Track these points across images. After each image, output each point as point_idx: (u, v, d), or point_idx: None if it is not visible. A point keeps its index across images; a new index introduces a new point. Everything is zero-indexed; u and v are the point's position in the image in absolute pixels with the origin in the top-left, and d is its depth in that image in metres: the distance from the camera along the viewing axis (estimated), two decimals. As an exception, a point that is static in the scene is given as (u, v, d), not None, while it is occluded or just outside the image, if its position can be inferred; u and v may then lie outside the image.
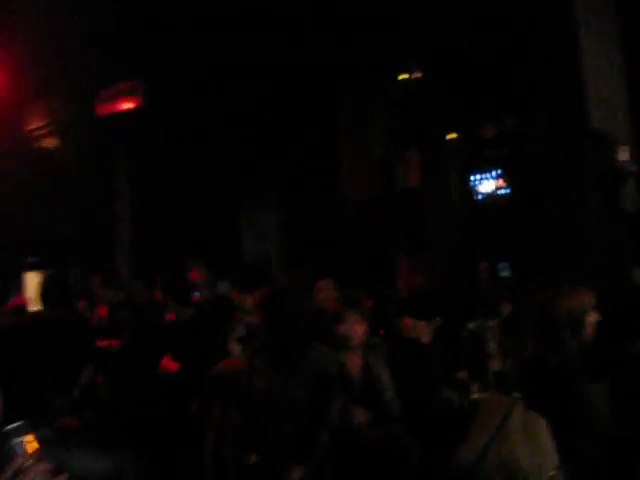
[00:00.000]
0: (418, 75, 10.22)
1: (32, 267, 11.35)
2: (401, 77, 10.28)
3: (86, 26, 10.73)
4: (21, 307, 7.00)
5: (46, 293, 5.30)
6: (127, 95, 11.69)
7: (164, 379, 5.12)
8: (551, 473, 2.89)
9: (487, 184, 11.52)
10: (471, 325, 5.70)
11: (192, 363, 4.77)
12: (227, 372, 3.92)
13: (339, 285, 5.67)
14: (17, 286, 10.01)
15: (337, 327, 4.35)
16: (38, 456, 1.49)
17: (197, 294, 6.79)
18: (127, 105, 11.64)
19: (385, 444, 4.08)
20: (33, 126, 13.65)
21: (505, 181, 11.43)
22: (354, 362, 4.33)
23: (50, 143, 13.81)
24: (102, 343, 5.68)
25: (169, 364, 5.19)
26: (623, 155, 6.85)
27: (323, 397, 3.86)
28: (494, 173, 11.49)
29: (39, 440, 1.52)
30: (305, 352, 3.94)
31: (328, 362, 4.08)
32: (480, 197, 11.40)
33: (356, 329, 4.33)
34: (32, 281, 9.55)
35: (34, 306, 6.14)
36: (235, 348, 4.64)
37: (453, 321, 5.76)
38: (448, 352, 4.95)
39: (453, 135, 10.69)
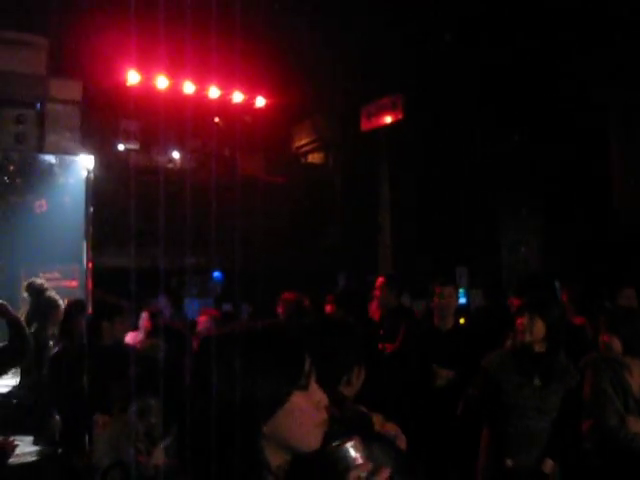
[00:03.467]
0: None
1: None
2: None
3: (349, 46, 11.30)
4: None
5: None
6: (389, 109, 12.12)
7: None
8: None
9: None
10: None
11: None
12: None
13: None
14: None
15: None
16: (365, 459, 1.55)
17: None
18: (389, 119, 12.06)
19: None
20: (301, 143, 14.63)
21: None
22: (634, 377, 4.29)
23: (315, 159, 14.70)
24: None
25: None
26: None
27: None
28: None
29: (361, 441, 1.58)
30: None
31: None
32: None
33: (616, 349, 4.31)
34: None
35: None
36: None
37: None
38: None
39: None
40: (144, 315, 6.57)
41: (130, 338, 6.05)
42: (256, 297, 8.62)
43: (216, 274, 12.00)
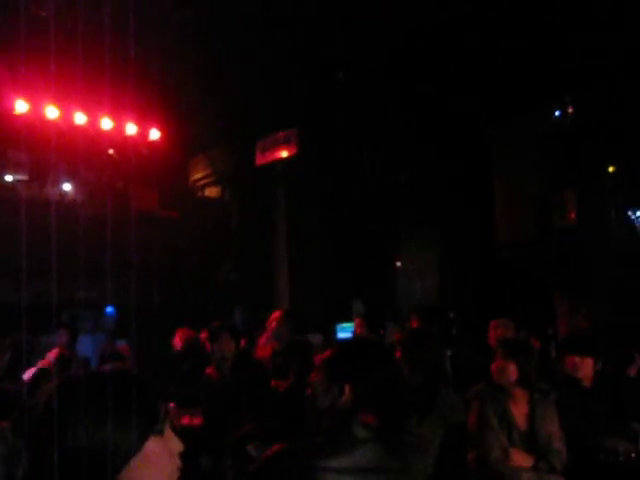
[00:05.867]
0: (572, 110, 10.05)
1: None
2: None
3: (244, 81, 11.33)
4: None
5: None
6: (283, 144, 12.20)
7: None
8: None
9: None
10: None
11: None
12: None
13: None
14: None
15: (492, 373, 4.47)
16: None
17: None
18: (284, 153, 12.14)
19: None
20: (197, 176, 14.52)
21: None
22: (519, 408, 4.37)
23: (211, 192, 14.61)
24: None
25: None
26: None
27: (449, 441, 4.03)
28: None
29: None
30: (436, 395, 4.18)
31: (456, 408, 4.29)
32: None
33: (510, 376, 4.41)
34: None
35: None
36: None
37: (618, 364, 5.61)
38: (613, 397, 4.85)
39: (611, 169, 10.37)
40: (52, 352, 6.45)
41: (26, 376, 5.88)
42: (148, 333, 8.46)
43: (109, 309, 11.70)
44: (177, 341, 8.06)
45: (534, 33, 8.60)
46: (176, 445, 1.64)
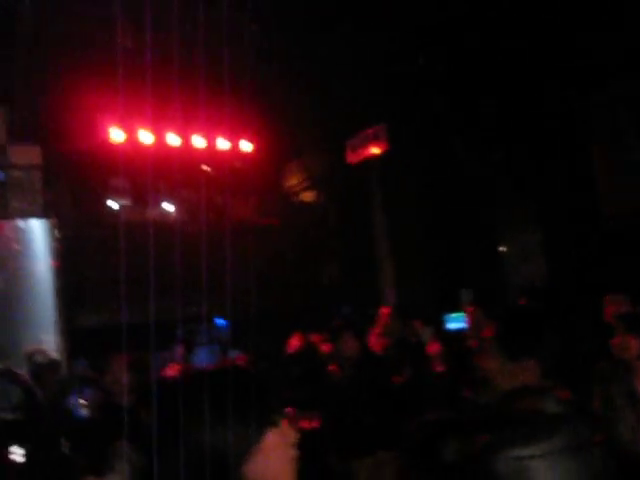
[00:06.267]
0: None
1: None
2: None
3: (331, 81, 11.39)
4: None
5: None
6: (373, 140, 12.16)
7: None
8: None
9: None
10: None
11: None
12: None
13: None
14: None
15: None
16: None
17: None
18: (375, 150, 12.10)
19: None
20: (292, 182, 14.67)
21: None
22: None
23: (307, 197, 14.72)
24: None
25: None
26: None
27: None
28: None
29: None
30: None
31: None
32: None
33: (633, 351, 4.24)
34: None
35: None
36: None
37: None
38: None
39: None
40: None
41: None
42: (261, 341, 8.58)
43: (221, 321, 11.94)
44: (291, 345, 8.14)
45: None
46: (292, 435, 1.68)
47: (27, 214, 7.80)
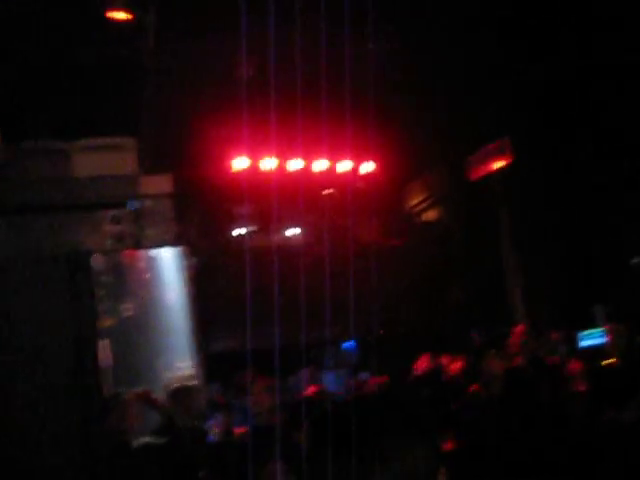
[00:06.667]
0: None
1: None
2: None
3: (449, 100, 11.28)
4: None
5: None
6: (497, 155, 11.92)
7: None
8: None
9: None
10: None
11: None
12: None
13: None
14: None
15: None
16: None
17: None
18: (498, 164, 11.86)
19: None
20: (415, 201, 14.54)
21: None
22: None
23: (431, 216, 14.55)
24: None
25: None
26: None
27: None
28: None
29: None
30: None
31: None
32: None
33: None
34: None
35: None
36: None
37: None
38: None
39: None
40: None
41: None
42: (391, 363, 8.51)
43: (348, 344, 11.93)
44: (419, 367, 8.03)
45: None
46: None
47: (160, 243, 8.05)
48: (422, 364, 8.01)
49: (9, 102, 8.10)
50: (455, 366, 7.46)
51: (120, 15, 8.22)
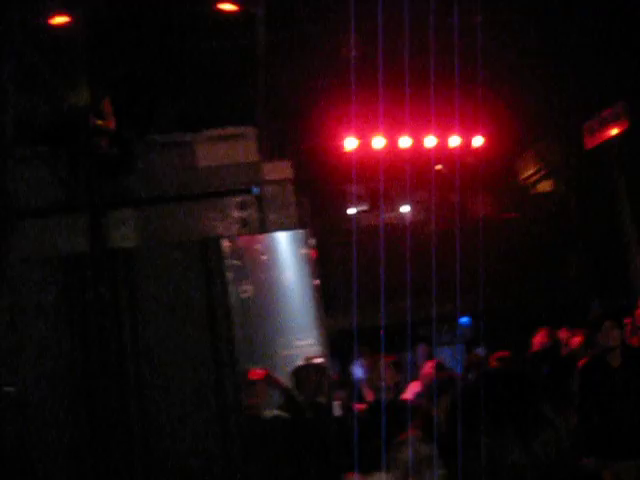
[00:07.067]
0: None
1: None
2: None
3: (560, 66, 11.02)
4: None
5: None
6: (612, 121, 11.54)
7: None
8: None
9: None
10: None
11: None
12: None
13: None
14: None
15: None
16: None
17: None
18: (614, 131, 11.48)
19: None
20: (528, 173, 14.27)
21: None
22: None
23: (544, 187, 14.24)
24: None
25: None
26: None
27: None
28: None
29: None
30: None
31: None
32: None
33: None
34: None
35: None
36: None
37: None
38: None
39: None
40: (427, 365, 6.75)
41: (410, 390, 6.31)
42: (507, 338, 8.46)
43: (464, 319, 11.92)
44: (536, 341, 7.95)
45: None
46: None
47: (282, 227, 8.35)
48: (540, 338, 7.92)
49: (138, 97, 8.56)
50: (575, 340, 7.36)
51: (228, 7, 8.48)
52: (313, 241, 7.85)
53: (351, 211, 12.35)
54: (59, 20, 7.75)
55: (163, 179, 8.17)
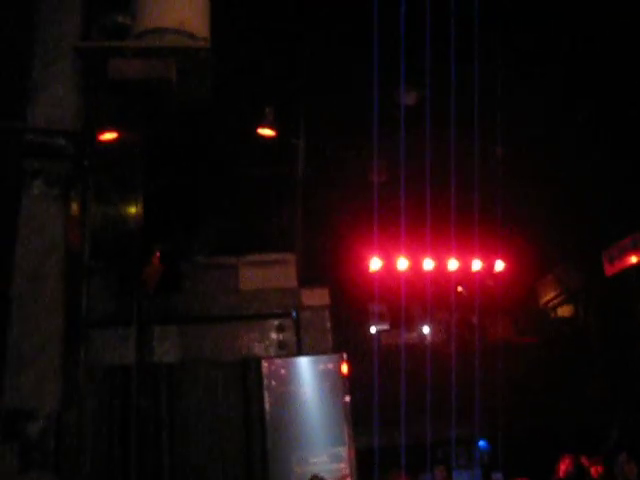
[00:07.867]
0: None
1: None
2: None
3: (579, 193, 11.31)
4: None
5: None
6: (632, 249, 11.73)
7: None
8: None
9: None
10: None
11: None
12: None
13: None
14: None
15: None
16: None
17: None
18: (634, 259, 11.64)
19: None
20: (548, 297, 14.39)
21: None
22: None
23: (564, 311, 14.32)
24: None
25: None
26: None
27: None
28: None
29: None
30: None
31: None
32: None
33: None
34: None
35: None
36: None
37: None
38: None
39: None
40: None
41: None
42: (523, 463, 8.39)
43: (481, 443, 11.79)
44: (561, 469, 7.89)
45: None
46: None
47: (318, 350, 8.68)
48: (564, 466, 7.86)
49: (182, 221, 8.99)
50: (596, 470, 7.32)
51: (267, 132, 8.96)
52: (344, 356, 8.05)
53: (372, 330, 12.46)
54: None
55: (206, 299, 8.52)
